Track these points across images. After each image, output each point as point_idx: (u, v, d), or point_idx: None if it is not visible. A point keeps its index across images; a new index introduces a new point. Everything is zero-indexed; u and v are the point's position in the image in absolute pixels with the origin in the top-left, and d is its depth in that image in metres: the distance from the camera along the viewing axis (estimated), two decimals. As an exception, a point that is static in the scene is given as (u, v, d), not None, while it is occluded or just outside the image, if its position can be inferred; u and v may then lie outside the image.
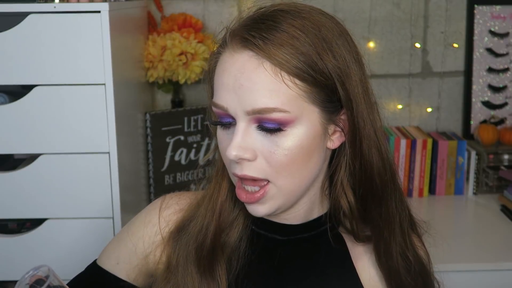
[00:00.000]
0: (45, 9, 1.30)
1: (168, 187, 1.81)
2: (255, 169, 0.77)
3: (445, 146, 1.86)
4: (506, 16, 1.98)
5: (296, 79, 0.74)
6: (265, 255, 0.87)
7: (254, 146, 0.77)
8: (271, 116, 0.75)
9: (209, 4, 1.95)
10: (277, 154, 0.76)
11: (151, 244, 0.90)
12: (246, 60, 0.75)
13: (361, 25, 1.97)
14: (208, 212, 0.87)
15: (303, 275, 0.86)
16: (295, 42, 0.74)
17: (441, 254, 1.49)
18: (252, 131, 0.77)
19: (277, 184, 0.79)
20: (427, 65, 2.02)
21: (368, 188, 0.84)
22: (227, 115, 0.78)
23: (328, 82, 0.76)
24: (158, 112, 1.77)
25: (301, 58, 0.74)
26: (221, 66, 0.78)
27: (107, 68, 1.32)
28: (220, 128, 0.81)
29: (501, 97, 2.02)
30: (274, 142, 0.76)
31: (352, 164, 0.83)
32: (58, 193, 1.37)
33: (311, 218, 0.87)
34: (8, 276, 1.43)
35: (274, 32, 0.75)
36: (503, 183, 1.86)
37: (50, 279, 0.76)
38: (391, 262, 0.87)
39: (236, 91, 0.75)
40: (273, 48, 0.74)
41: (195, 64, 1.78)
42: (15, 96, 1.37)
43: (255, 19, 0.78)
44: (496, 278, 1.47)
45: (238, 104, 0.76)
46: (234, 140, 0.76)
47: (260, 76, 0.74)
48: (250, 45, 0.75)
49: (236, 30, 0.78)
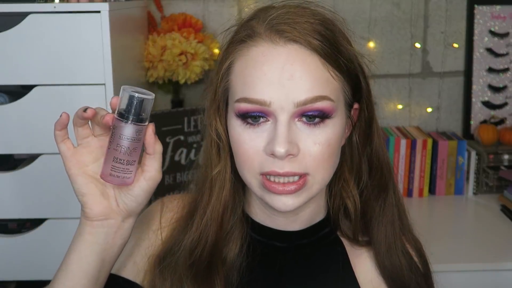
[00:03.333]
0: (45, 9, 1.30)
1: (168, 187, 1.81)
2: (297, 164, 0.75)
3: (445, 146, 1.86)
4: (506, 16, 1.98)
5: (336, 70, 0.77)
6: (265, 262, 0.86)
7: (297, 140, 0.75)
8: (321, 105, 0.75)
9: (209, 4, 1.95)
10: (320, 146, 0.76)
11: (151, 249, 0.88)
12: (293, 52, 0.75)
13: (361, 25, 1.97)
14: (205, 225, 0.84)
15: (304, 281, 0.86)
16: (330, 34, 0.77)
17: (441, 254, 1.49)
18: (294, 126, 0.76)
19: (316, 177, 0.77)
20: (427, 65, 2.02)
21: (377, 182, 0.86)
22: (264, 111, 0.75)
23: (355, 74, 0.80)
24: (158, 112, 1.76)
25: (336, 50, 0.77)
26: (255, 59, 0.76)
27: (107, 68, 1.32)
28: (244, 127, 0.77)
29: (501, 97, 2.02)
30: (317, 134, 0.76)
31: (360, 159, 0.85)
32: (58, 193, 1.37)
33: (313, 223, 0.87)
34: (8, 276, 1.43)
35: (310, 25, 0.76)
36: (503, 183, 1.86)
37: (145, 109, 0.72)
38: (392, 258, 0.87)
39: (285, 83, 0.74)
40: (317, 41, 0.75)
41: (195, 64, 1.78)
42: (15, 96, 1.37)
43: (282, 14, 0.78)
44: (496, 278, 1.47)
45: (286, 96, 0.74)
46: (281, 135, 0.74)
47: (311, 66, 0.75)
48: (294, 37, 0.75)
49: (266, 25, 0.77)
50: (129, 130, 0.72)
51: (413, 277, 0.87)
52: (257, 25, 0.78)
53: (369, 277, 0.87)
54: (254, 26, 0.78)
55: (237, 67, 0.78)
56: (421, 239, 0.93)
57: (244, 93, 0.76)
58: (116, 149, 0.73)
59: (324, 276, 0.86)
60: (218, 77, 0.81)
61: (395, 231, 0.87)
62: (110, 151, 0.73)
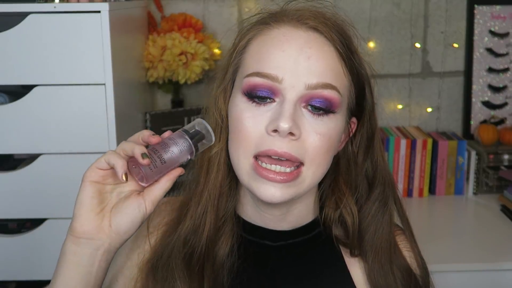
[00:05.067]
0: (45, 9, 1.30)
1: (168, 187, 1.81)
2: (296, 148, 0.75)
3: (445, 146, 1.86)
4: (506, 16, 1.98)
5: (347, 70, 0.79)
6: (257, 261, 0.85)
7: (300, 124, 0.75)
8: (329, 93, 0.76)
9: (209, 4, 1.95)
10: (320, 137, 0.76)
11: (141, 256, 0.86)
12: (313, 38, 0.77)
13: (361, 25, 1.97)
14: (201, 213, 0.83)
15: (297, 280, 0.85)
16: (345, 38, 0.80)
17: (441, 254, 1.49)
18: (299, 110, 0.76)
19: (310, 169, 0.77)
20: (427, 65, 2.02)
21: (376, 193, 0.86)
22: (273, 88, 0.75)
23: (362, 84, 0.83)
24: (158, 112, 1.77)
25: (349, 53, 0.80)
26: (276, 38, 0.77)
27: (107, 68, 1.32)
28: (247, 105, 0.77)
29: (501, 97, 2.02)
30: (319, 125, 0.76)
31: (360, 169, 0.85)
32: (58, 193, 1.37)
33: (303, 223, 0.87)
34: (8, 276, 1.43)
35: (332, 22, 0.79)
36: (503, 183, 1.86)
37: None
38: (388, 280, 0.85)
39: (301, 63, 0.75)
40: (336, 36, 0.78)
41: (195, 64, 1.78)
42: (15, 96, 1.37)
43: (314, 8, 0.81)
44: (496, 278, 1.47)
45: (299, 76, 0.75)
46: (286, 111, 0.74)
47: (329, 55, 0.77)
48: (317, 27, 0.78)
49: (292, 12, 0.80)
50: (184, 143, 0.77)
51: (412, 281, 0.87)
52: (282, 14, 0.81)
53: (364, 277, 0.86)
54: (279, 13, 0.81)
55: (254, 45, 0.79)
56: (420, 239, 0.93)
57: (257, 68, 0.77)
58: (163, 149, 0.75)
59: (318, 273, 0.86)
60: (233, 55, 0.82)
61: (391, 250, 0.86)
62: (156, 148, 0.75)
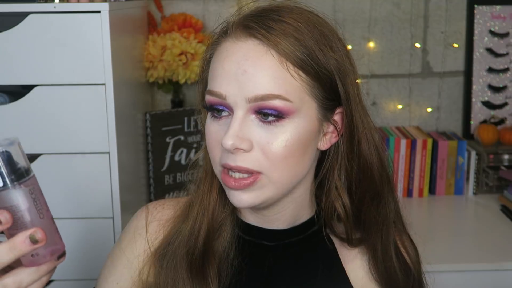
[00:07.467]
0: (45, 9, 1.30)
1: (168, 187, 1.81)
2: (250, 160, 0.75)
3: (445, 146, 1.86)
4: (506, 16, 1.98)
5: (300, 70, 0.75)
6: (254, 261, 0.85)
7: (251, 136, 0.75)
8: (274, 103, 0.74)
9: (209, 4, 1.95)
10: (275, 145, 0.75)
11: (142, 260, 0.88)
12: (252, 47, 0.75)
13: (361, 25, 1.97)
14: (199, 215, 0.85)
15: (293, 280, 0.85)
16: (299, 35, 0.75)
17: (441, 254, 1.49)
18: (249, 121, 0.75)
19: (270, 177, 0.77)
20: (427, 65, 2.02)
21: (367, 188, 0.84)
22: (223, 104, 0.76)
23: (329, 78, 0.77)
24: (158, 112, 1.76)
25: (304, 51, 0.75)
26: (221, 54, 0.78)
27: (107, 68, 1.32)
28: (211, 120, 0.79)
29: (501, 97, 2.02)
30: (273, 133, 0.75)
31: (349, 165, 0.83)
32: (58, 193, 1.37)
33: (299, 222, 0.87)
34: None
35: (279, 24, 0.76)
36: (503, 183, 1.86)
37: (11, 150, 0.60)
38: (388, 263, 0.86)
39: (239, 78, 0.74)
40: (279, 38, 0.74)
41: (195, 64, 1.78)
42: (15, 96, 1.37)
43: (259, 11, 0.79)
44: (496, 278, 1.47)
45: (239, 91, 0.74)
46: (231, 129, 0.74)
47: (266, 63, 0.74)
48: (256, 33, 0.75)
49: (239, 20, 0.79)
50: (16, 195, 0.58)
51: (408, 282, 0.87)
52: (232, 23, 0.80)
53: (360, 274, 0.87)
54: (230, 21, 0.81)
55: (213, 60, 0.80)
56: (420, 239, 0.93)
57: (210, 85, 0.78)
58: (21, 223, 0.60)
59: (314, 273, 0.86)
60: (204, 68, 0.83)
61: (389, 237, 0.86)
62: None
